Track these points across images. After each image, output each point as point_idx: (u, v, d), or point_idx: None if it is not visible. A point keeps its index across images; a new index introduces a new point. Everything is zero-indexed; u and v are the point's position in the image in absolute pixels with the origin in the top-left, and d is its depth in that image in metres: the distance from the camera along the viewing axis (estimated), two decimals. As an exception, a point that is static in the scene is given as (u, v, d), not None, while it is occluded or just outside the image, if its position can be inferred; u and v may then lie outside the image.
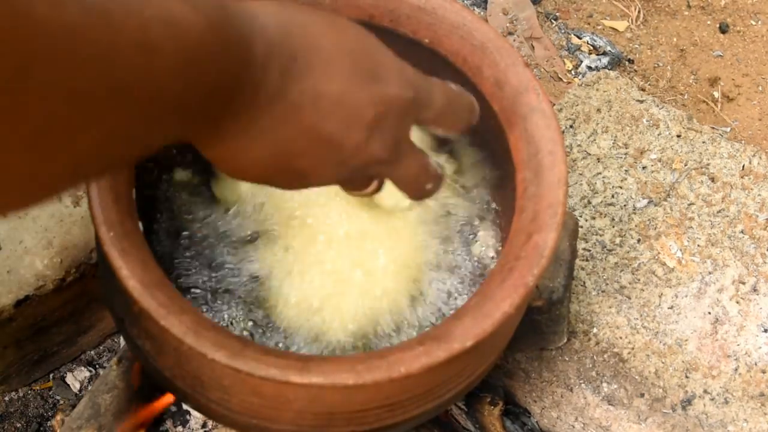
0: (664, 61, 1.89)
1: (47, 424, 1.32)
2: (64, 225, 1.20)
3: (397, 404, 0.86)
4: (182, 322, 0.79)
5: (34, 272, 1.18)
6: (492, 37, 0.96)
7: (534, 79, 0.93)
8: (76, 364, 1.36)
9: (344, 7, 0.99)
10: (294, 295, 0.95)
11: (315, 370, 0.78)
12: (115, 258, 0.80)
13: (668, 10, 1.96)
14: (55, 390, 1.35)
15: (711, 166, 1.32)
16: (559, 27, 1.91)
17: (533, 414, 1.34)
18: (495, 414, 1.26)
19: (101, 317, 1.33)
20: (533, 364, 1.26)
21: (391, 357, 0.79)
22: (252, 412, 0.87)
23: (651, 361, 1.18)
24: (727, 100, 1.85)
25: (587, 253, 1.25)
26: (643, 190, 1.30)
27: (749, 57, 1.91)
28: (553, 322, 1.13)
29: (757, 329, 1.20)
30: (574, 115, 1.37)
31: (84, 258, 1.20)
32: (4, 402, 1.33)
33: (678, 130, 1.36)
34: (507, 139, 0.94)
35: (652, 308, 1.21)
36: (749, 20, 1.97)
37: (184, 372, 0.87)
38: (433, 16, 0.97)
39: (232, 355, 0.78)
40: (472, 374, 0.93)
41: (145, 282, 0.80)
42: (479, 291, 0.85)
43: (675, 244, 1.25)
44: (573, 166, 1.33)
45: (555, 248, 0.85)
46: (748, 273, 1.24)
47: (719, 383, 1.17)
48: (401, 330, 0.96)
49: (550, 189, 0.88)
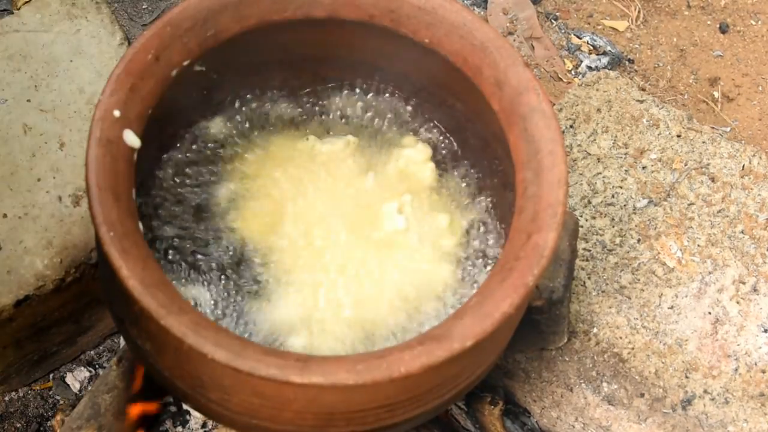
0: (664, 61, 1.89)
1: (47, 424, 1.32)
2: (64, 225, 1.20)
3: (397, 404, 0.86)
4: (182, 322, 0.79)
5: (34, 272, 1.18)
6: (492, 37, 0.96)
7: (534, 79, 0.93)
8: (76, 364, 1.36)
9: (344, 7, 0.99)
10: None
11: (315, 370, 0.78)
12: (115, 258, 0.81)
13: (668, 10, 1.96)
14: (55, 390, 1.35)
15: (711, 166, 1.32)
16: (559, 27, 1.91)
17: (533, 414, 1.34)
18: (495, 414, 1.26)
19: (101, 317, 1.33)
20: (533, 364, 1.26)
21: (391, 357, 0.79)
22: (252, 412, 0.87)
23: (651, 361, 1.18)
24: (727, 100, 1.85)
25: (587, 253, 1.25)
26: (643, 190, 1.30)
27: (749, 57, 1.91)
28: (553, 322, 1.13)
29: (757, 329, 1.20)
30: (574, 115, 1.37)
31: (84, 258, 1.20)
32: (4, 402, 1.33)
33: (678, 130, 1.36)
34: (507, 139, 0.94)
35: (652, 308, 1.21)
36: (749, 20, 1.97)
37: (184, 372, 0.87)
38: (434, 16, 0.97)
39: (232, 355, 0.78)
40: (472, 374, 0.93)
41: (145, 282, 0.80)
42: (479, 291, 0.85)
43: (675, 244, 1.25)
44: (573, 166, 1.33)
45: (555, 248, 0.85)
46: (748, 273, 1.24)
47: (719, 383, 1.17)
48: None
49: (550, 189, 0.88)
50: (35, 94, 1.28)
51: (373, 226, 1.01)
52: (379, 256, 0.99)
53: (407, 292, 0.98)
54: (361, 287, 0.97)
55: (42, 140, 1.25)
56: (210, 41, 0.95)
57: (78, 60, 1.31)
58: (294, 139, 1.07)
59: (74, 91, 1.29)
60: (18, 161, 1.23)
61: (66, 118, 1.27)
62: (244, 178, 1.04)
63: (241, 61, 1.02)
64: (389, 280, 0.98)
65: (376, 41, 1.02)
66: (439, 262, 1.00)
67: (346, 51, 1.05)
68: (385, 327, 0.96)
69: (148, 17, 1.82)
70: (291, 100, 1.10)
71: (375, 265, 0.99)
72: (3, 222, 1.19)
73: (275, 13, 0.98)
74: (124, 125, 0.88)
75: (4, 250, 1.18)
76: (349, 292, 0.97)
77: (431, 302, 0.98)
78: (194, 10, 0.94)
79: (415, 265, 1.00)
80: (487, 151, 1.05)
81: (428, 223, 1.02)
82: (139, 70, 0.90)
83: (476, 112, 1.01)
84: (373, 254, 0.99)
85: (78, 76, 1.30)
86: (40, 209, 1.21)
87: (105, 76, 1.29)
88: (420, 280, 0.99)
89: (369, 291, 0.97)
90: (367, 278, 0.98)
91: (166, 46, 0.92)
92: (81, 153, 1.24)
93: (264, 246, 1.00)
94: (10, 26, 1.34)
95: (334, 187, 1.03)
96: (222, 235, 1.00)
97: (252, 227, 1.01)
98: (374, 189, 1.04)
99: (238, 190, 1.03)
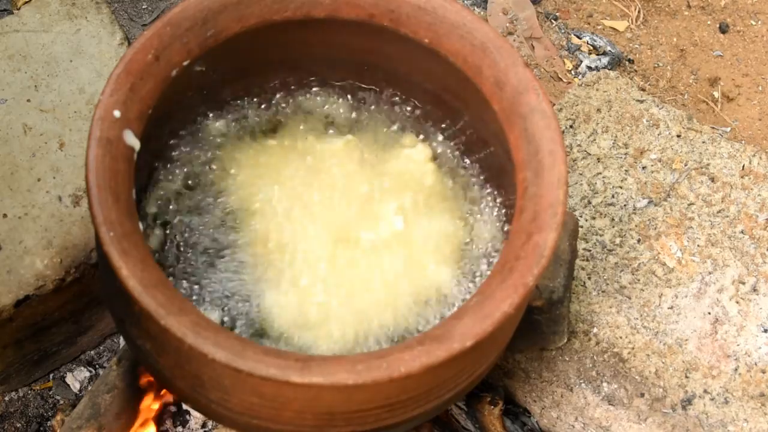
0: (664, 61, 1.89)
1: (47, 424, 1.32)
2: (64, 225, 1.20)
3: (397, 404, 0.86)
4: (182, 322, 0.79)
5: (34, 272, 1.18)
6: (492, 37, 0.96)
7: (534, 79, 0.93)
8: (76, 364, 1.36)
9: (344, 7, 0.99)
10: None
11: (315, 370, 0.78)
12: (115, 258, 0.81)
13: (668, 10, 1.96)
14: (55, 390, 1.35)
15: (711, 166, 1.32)
16: (559, 27, 1.91)
17: (533, 414, 1.34)
18: (495, 414, 1.26)
19: (101, 317, 1.33)
20: (533, 364, 1.26)
21: (391, 357, 0.79)
22: (252, 412, 0.87)
23: (651, 361, 1.18)
24: (727, 100, 1.85)
25: (587, 253, 1.25)
26: (643, 190, 1.30)
27: (749, 57, 1.91)
28: (553, 322, 1.13)
29: (757, 329, 1.20)
30: (574, 115, 1.37)
31: (84, 258, 1.20)
32: (4, 402, 1.33)
33: (678, 130, 1.36)
34: (507, 139, 0.94)
35: (652, 308, 1.21)
36: (749, 20, 1.97)
37: (184, 372, 0.87)
38: (434, 15, 0.97)
39: (232, 355, 0.78)
40: (472, 374, 0.93)
41: (145, 282, 0.80)
42: (479, 291, 0.85)
43: (675, 244, 1.25)
44: (573, 166, 1.33)
45: (555, 248, 0.85)
46: (748, 273, 1.24)
47: (719, 383, 1.17)
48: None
49: (550, 189, 0.88)
50: (35, 94, 1.28)
51: (372, 226, 1.01)
52: (378, 258, 0.99)
53: (406, 293, 0.98)
54: (358, 289, 0.97)
55: (42, 140, 1.25)
56: (210, 41, 0.95)
57: (78, 60, 1.31)
58: (293, 138, 1.07)
59: (74, 91, 1.29)
60: (18, 161, 1.23)
61: (66, 118, 1.27)
62: (244, 177, 1.04)
63: (241, 61, 1.02)
64: (387, 282, 0.98)
65: (376, 41, 1.02)
66: (438, 264, 1.00)
67: (346, 51, 1.05)
68: (384, 327, 0.96)
69: (148, 17, 1.82)
70: (291, 100, 1.10)
71: (373, 266, 0.99)
72: (3, 222, 1.19)
73: (275, 13, 0.98)
74: (124, 125, 0.88)
75: (4, 250, 1.18)
76: (347, 293, 0.97)
77: (430, 303, 0.98)
78: (194, 10, 0.94)
79: (415, 266, 1.00)
80: (487, 151, 1.05)
81: (427, 223, 1.02)
82: (139, 70, 0.90)
83: (476, 112, 1.01)
84: (371, 256, 0.99)
85: (78, 76, 1.30)
86: (40, 209, 1.21)
87: (105, 76, 1.30)
88: (419, 281, 0.99)
89: (365, 293, 0.97)
90: (364, 280, 0.98)
91: (166, 46, 0.92)
92: (81, 153, 1.24)
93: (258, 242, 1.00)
94: (10, 26, 1.34)
95: (333, 187, 1.03)
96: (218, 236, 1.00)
97: (249, 228, 1.01)
98: (373, 189, 1.04)
99: (237, 189, 1.03)
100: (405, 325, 0.96)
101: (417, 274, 0.99)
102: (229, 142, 1.06)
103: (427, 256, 1.00)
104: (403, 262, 1.00)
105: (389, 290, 0.98)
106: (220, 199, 1.02)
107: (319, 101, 1.10)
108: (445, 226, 1.03)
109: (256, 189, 1.03)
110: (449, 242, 1.02)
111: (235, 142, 1.06)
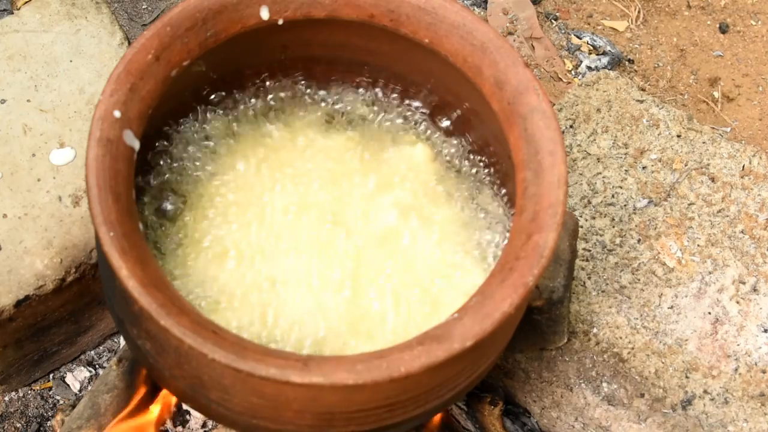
0: (664, 61, 1.89)
1: (47, 424, 1.32)
2: (64, 225, 1.20)
3: (397, 404, 0.86)
4: (182, 322, 0.79)
5: (34, 272, 1.18)
6: (492, 37, 0.96)
7: (534, 79, 0.93)
8: (76, 364, 1.36)
9: (344, 7, 0.99)
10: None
11: (315, 370, 0.78)
12: (115, 258, 0.81)
13: (668, 10, 1.96)
14: (55, 390, 1.35)
15: (711, 166, 1.32)
16: (559, 27, 1.91)
17: (533, 414, 1.34)
18: (495, 414, 1.26)
19: (101, 317, 1.33)
20: (533, 364, 1.26)
21: (391, 357, 0.79)
22: (252, 412, 0.87)
23: (651, 361, 1.18)
24: (727, 100, 1.85)
25: (587, 253, 1.25)
26: (643, 190, 1.30)
27: (749, 57, 1.91)
28: (553, 322, 1.13)
29: (757, 329, 1.20)
30: (574, 115, 1.37)
31: (84, 258, 1.20)
32: (4, 402, 1.33)
33: (678, 130, 1.36)
34: (507, 139, 0.94)
35: (652, 308, 1.21)
36: (749, 20, 1.97)
37: (184, 372, 0.87)
38: (433, 16, 0.97)
39: (232, 355, 0.78)
40: (472, 374, 0.93)
41: (145, 282, 0.80)
42: (479, 291, 0.85)
43: (675, 244, 1.25)
44: (573, 166, 1.33)
45: (555, 248, 0.85)
46: (748, 273, 1.24)
47: (719, 383, 1.17)
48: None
49: (550, 189, 0.88)
50: (35, 94, 1.28)
51: (372, 223, 1.01)
52: (377, 254, 0.99)
53: (404, 291, 0.98)
54: (357, 285, 0.97)
55: (42, 140, 1.25)
56: (210, 41, 0.95)
57: (78, 60, 1.31)
58: (294, 137, 1.08)
59: (74, 91, 1.29)
60: (18, 161, 1.23)
61: (66, 118, 1.27)
62: (243, 177, 1.04)
63: (241, 61, 1.02)
64: (386, 278, 0.98)
65: (376, 41, 1.02)
66: (438, 262, 1.00)
67: (346, 51, 1.05)
68: (382, 328, 0.96)
69: (148, 17, 1.82)
70: (291, 100, 1.10)
71: (372, 262, 0.99)
72: (3, 222, 1.19)
73: (275, 13, 0.98)
74: (124, 125, 0.88)
75: (4, 250, 1.18)
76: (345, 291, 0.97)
77: (429, 303, 0.98)
78: (194, 10, 0.94)
79: (414, 263, 1.00)
80: (487, 151, 1.05)
81: (427, 221, 1.02)
82: (139, 70, 0.90)
83: (476, 112, 1.01)
84: (371, 252, 0.99)
85: (78, 76, 1.30)
86: (40, 209, 1.21)
87: (105, 76, 1.30)
88: (418, 278, 0.99)
89: (364, 289, 0.97)
90: (364, 276, 0.98)
91: (166, 46, 0.92)
92: (81, 153, 1.24)
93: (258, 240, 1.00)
94: (10, 26, 1.34)
95: (334, 184, 1.03)
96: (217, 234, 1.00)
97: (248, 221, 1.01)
98: (374, 187, 1.04)
99: (237, 189, 1.03)
100: (401, 323, 0.96)
101: (415, 272, 0.99)
102: (228, 141, 1.06)
103: (427, 256, 1.00)
104: (402, 260, 1.00)
105: (385, 287, 0.98)
106: (219, 194, 1.03)
107: (319, 102, 1.10)
108: (445, 225, 1.03)
109: (256, 186, 1.03)
110: (448, 241, 1.02)
111: (235, 141, 1.06)
